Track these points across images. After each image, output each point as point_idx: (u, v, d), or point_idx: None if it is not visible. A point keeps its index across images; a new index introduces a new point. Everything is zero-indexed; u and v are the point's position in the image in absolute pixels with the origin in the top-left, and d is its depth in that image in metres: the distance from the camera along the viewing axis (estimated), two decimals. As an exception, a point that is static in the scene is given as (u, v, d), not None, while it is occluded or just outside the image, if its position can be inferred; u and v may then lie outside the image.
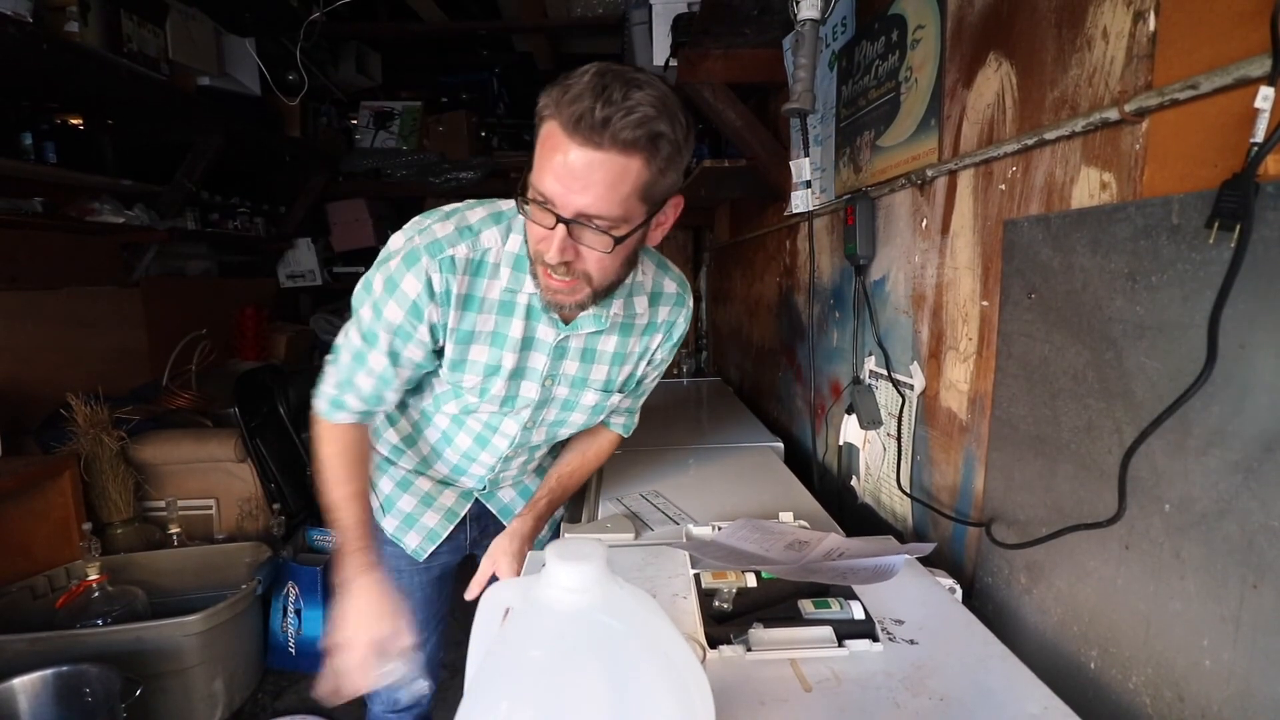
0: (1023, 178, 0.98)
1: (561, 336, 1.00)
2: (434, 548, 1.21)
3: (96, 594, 1.94)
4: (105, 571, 1.99)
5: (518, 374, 1.02)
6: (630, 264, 0.92)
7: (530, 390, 1.05)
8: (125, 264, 3.01)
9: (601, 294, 0.91)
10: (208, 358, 3.17)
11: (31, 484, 2.04)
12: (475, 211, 0.96)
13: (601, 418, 1.17)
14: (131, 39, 2.20)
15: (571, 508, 1.51)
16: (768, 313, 2.57)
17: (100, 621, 1.88)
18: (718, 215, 3.53)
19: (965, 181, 1.13)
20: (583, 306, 0.91)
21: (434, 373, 1.05)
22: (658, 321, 1.08)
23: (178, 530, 2.40)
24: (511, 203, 0.95)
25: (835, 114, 1.64)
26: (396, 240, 0.95)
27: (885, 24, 1.35)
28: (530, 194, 0.81)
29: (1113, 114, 0.77)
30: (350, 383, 0.98)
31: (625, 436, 1.25)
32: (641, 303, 1.04)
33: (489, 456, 1.15)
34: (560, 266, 0.83)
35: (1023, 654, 0.82)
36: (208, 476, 2.52)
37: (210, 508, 2.55)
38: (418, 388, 1.10)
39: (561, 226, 0.80)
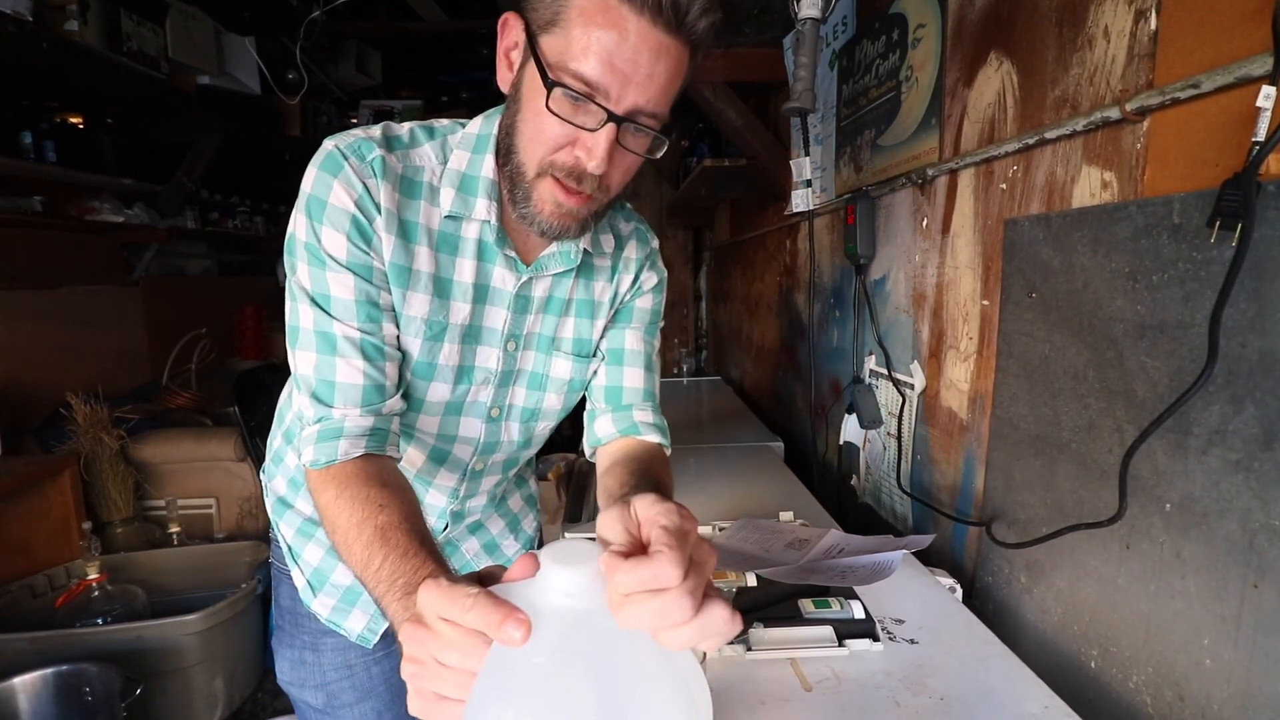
0: (1023, 177, 0.98)
1: (523, 281, 0.77)
2: (386, 626, 0.90)
3: (96, 593, 1.94)
4: (105, 570, 1.99)
5: (471, 336, 0.78)
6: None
7: (489, 358, 0.80)
8: (125, 263, 3.01)
9: (603, 212, 0.73)
10: (207, 357, 3.17)
11: (31, 483, 2.04)
12: (403, 125, 0.75)
13: (577, 399, 0.91)
14: (131, 38, 2.19)
15: (571, 507, 1.51)
16: (768, 312, 2.57)
17: (100, 620, 1.88)
18: (718, 214, 3.53)
19: (966, 181, 1.13)
20: (585, 228, 0.72)
21: None
22: (620, 263, 0.87)
23: (177, 529, 2.40)
24: (446, 121, 0.77)
25: (836, 113, 1.64)
26: (307, 175, 0.71)
27: (886, 23, 1.35)
28: (559, 78, 0.61)
29: (1114, 113, 0.77)
30: (331, 388, 0.69)
31: (667, 448, 0.88)
32: (608, 240, 0.85)
33: (449, 475, 0.87)
34: (592, 178, 0.65)
35: (1023, 653, 0.82)
36: (207, 475, 2.52)
37: (210, 507, 2.55)
38: None
39: (611, 127, 0.62)
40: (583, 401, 0.91)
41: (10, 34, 1.77)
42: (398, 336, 0.74)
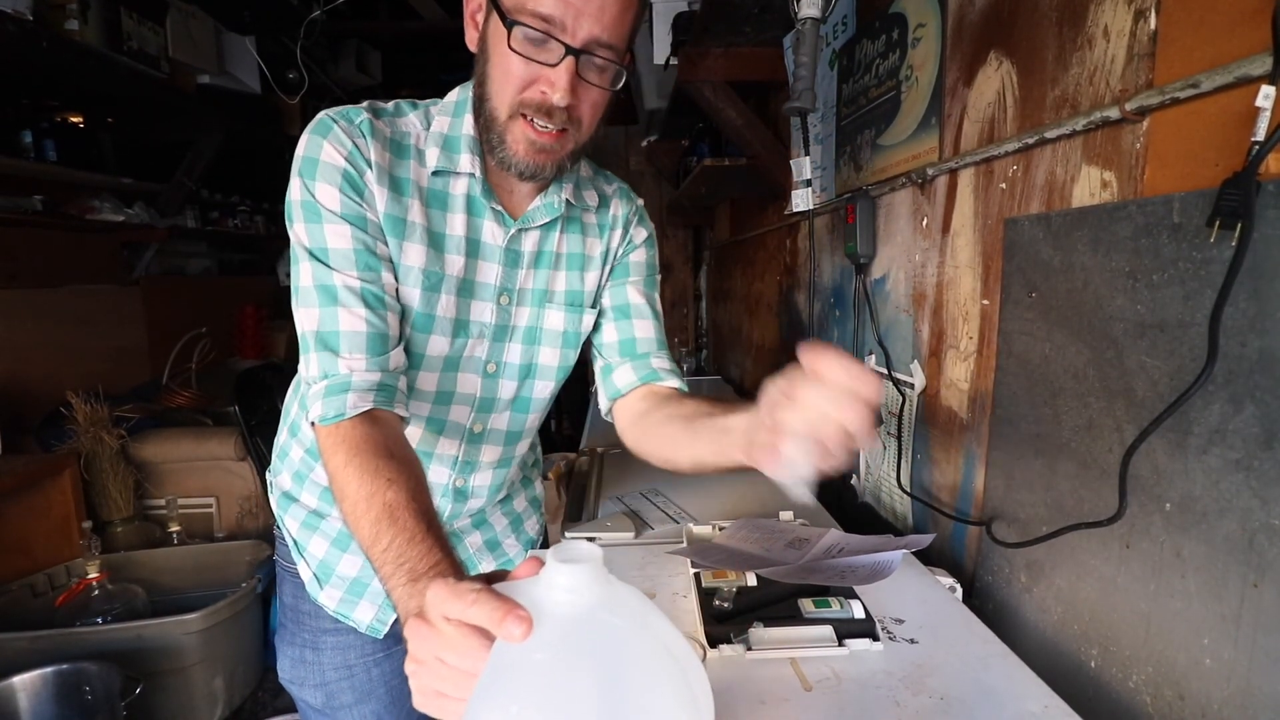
0: (1023, 176, 0.98)
1: (511, 234, 0.81)
2: (395, 618, 0.90)
3: (96, 592, 1.95)
4: (105, 569, 1.99)
5: (466, 289, 0.81)
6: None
7: (483, 312, 0.83)
8: (125, 262, 3.02)
9: (578, 153, 0.77)
10: (208, 356, 3.18)
11: (32, 482, 2.05)
12: (389, 101, 0.82)
13: (573, 358, 0.93)
14: (131, 37, 2.20)
15: (571, 507, 1.51)
16: (768, 311, 2.57)
17: (100, 619, 1.89)
18: (718, 214, 3.53)
19: (966, 180, 1.13)
20: (561, 168, 0.76)
21: None
22: (607, 220, 0.92)
23: (178, 528, 2.40)
24: (428, 101, 0.83)
25: (836, 112, 1.64)
26: (300, 142, 0.76)
27: (886, 22, 1.35)
28: (518, 19, 0.66)
29: (1114, 113, 0.77)
30: (335, 337, 0.71)
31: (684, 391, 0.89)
32: (591, 196, 0.89)
33: (449, 444, 0.88)
34: (560, 112, 0.69)
35: (1023, 653, 0.82)
36: (208, 475, 2.52)
37: (210, 506, 2.55)
38: None
39: (570, 60, 0.67)
40: (580, 396, 0.93)
41: (10, 33, 1.77)
42: (396, 289, 0.77)
